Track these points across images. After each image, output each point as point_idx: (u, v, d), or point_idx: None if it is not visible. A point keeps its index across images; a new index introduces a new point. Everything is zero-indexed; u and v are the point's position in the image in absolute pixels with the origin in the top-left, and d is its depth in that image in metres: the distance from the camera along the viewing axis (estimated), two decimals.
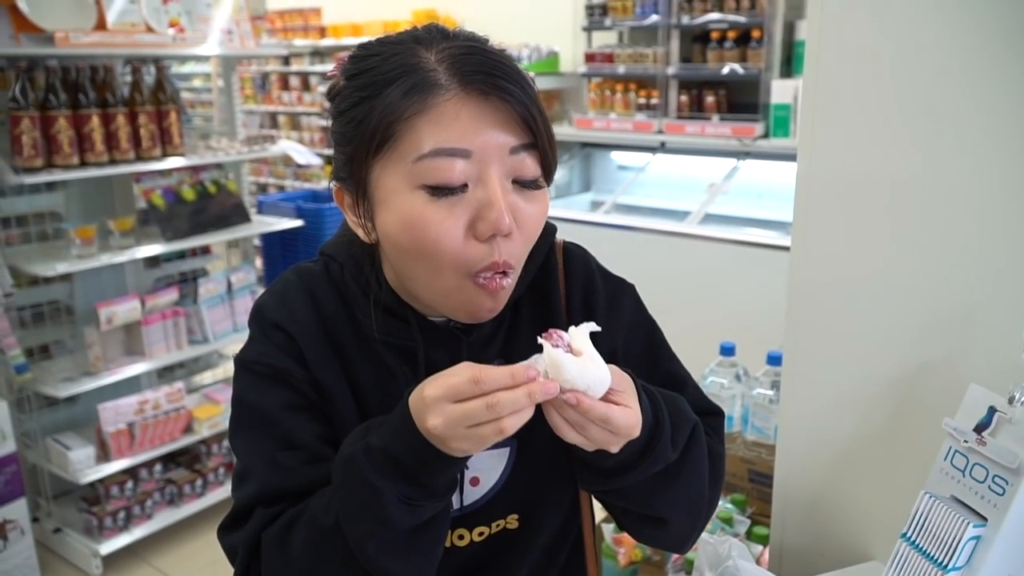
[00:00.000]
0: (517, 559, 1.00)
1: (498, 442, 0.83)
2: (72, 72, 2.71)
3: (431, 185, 0.78)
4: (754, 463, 1.88)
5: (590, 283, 1.00)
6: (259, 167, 7.24)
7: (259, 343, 0.92)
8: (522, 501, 0.97)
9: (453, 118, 0.78)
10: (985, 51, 1.03)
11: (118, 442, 2.94)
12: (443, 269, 0.81)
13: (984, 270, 1.06)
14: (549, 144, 0.82)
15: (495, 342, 0.95)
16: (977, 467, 0.92)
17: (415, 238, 0.80)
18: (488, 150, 0.78)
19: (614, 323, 0.99)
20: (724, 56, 4.46)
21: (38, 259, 2.79)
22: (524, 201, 0.82)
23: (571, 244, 1.03)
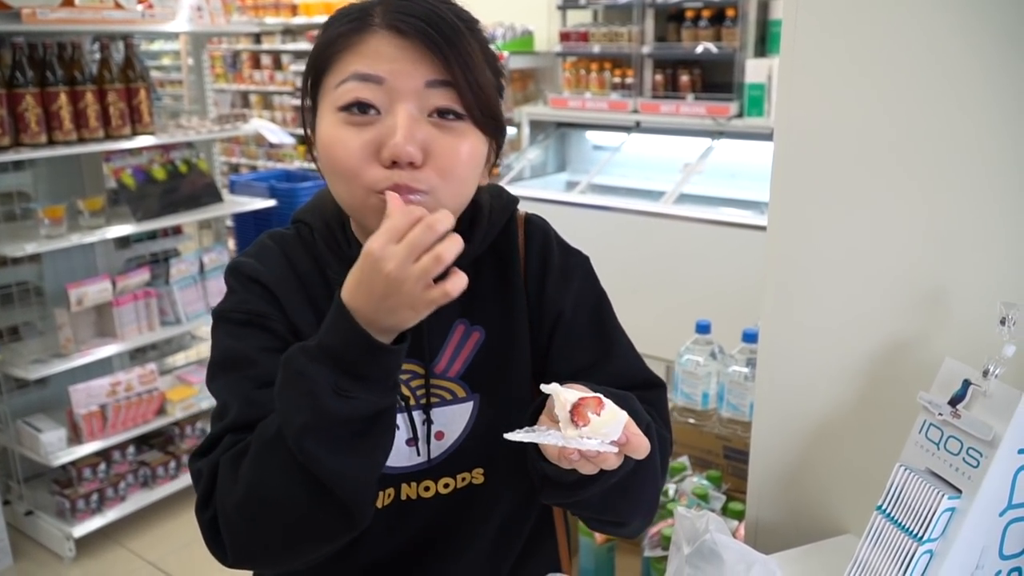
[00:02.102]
0: (485, 515, 1.03)
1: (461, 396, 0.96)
2: (39, 49, 2.66)
3: (343, 105, 0.85)
4: (729, 440, 1.90)
5: (546, 250, 1.04)
6: (230, 147, 7.15)
7: (237, 293, 0.96)
8: (486, 455, 1.00)
9: (374, 50, 0.85)
10: (962, 30, 1.04)
11: (90, 424, 2.91)
12: (352, 187, 0.86)
13: (959, 246, 1.08)
14: (474, 86, 0.86)
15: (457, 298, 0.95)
16: (952, 440, 0.94)
17: (328, 156, 0.87)
18: (401, 80, 0.84)
19: (563, 289, 1.03)
20: (699, 35, 4.46)
21: (6, 239, 2.75)
22: (440, 132, 0.86)
23: (532, 215, 1.07)
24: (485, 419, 0.99)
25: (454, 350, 0.99)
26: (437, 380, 0.98)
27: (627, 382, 0.95)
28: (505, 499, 1.03)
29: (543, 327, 1.02)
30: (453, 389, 0.99)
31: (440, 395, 0.98)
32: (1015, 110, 1.01)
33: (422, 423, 0.97)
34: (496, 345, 1.00)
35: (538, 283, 1.02)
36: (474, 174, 0.91)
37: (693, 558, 0.97)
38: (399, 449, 0.96)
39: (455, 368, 0.99)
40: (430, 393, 0.98)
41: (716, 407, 2.00)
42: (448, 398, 0.98)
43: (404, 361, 0.90)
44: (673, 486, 1.79)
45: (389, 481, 0.98)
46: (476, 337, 1.00)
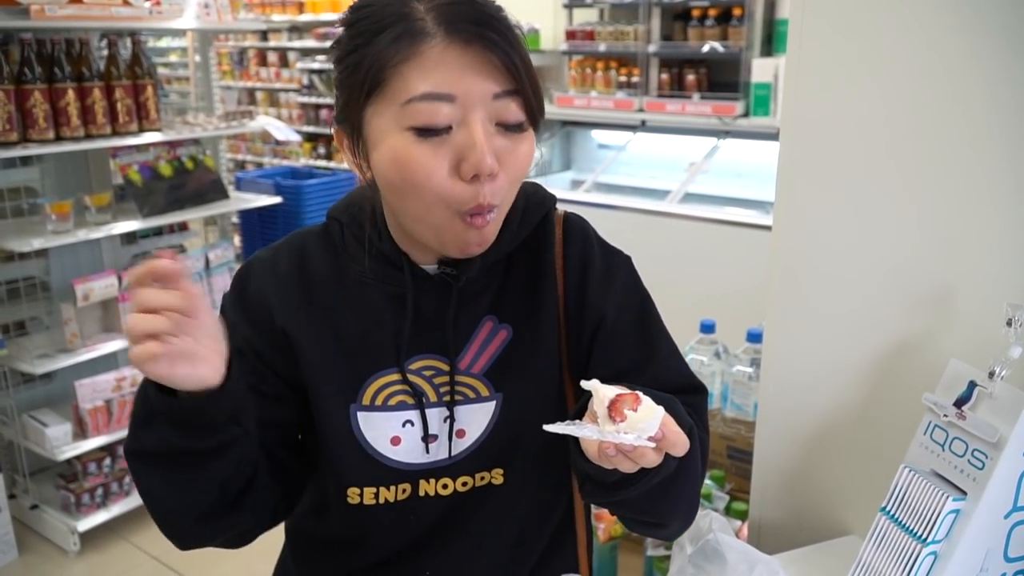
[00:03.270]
0: (502, 515, 1.02)
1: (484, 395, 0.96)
2: (47, 45, 2.66)
3: (417, 127, 0.83)
4: (733, 439, 1.90)
5: (588, 251, 1.02)
6: (237, 144, 7.16)
7: (232, 293, 0.99)
8: (506, 455, 0.99)
9: (438, 64, 0.82)
10: (969, 31, 1.03)
11: (95, 419, 2.92)
12: (431, 206, 0.85)
13: (966, 247, 1.08)
14: (533, 91, 0.86)
15: (486, 295, 0.98)
16: (957, 441, 0.94)
17: (403, 176, 0.84)
18: (471, 95, 0.82)
19: (607, 291, 1.00)
20: (705, 34, 4.46)
21: (13, 235, 2.75)
22: (508, 143, 0.86)
23: (572, 214, 1.05)
24: (507, 419, 0.98)
25: (480, 347, 0.98)
26: (461, 377, 0.97)
27: (669, 386, 0.92)
28: (524, 501, 1.02)
29: (583, 330, 1.00)
30: (476, 387, 0.98)
31: (464, 392, 0.98)
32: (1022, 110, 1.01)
33: (444, 420, 0.97)
34: (523, 345, 0.98)
35: (578, 286, 1.00)
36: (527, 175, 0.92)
37: (696, 557, 0.97)
38: (414, 446, 0.97)
39: (479, 365, 0.98)
40: (454, 391, 0.97)
41: (720, 407, 2.00)
42: (472, 396, 0.98)
43: (428, 357, 0.96)
44: None
45: (406, 476, 0.97)
46: (503, 336, 0.99)
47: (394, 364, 0.96)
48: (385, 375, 0.96)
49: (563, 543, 1.09)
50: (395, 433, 0.96)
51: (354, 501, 0.97)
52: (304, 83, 6.82)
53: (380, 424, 0.96)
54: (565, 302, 1.00)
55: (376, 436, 0.96)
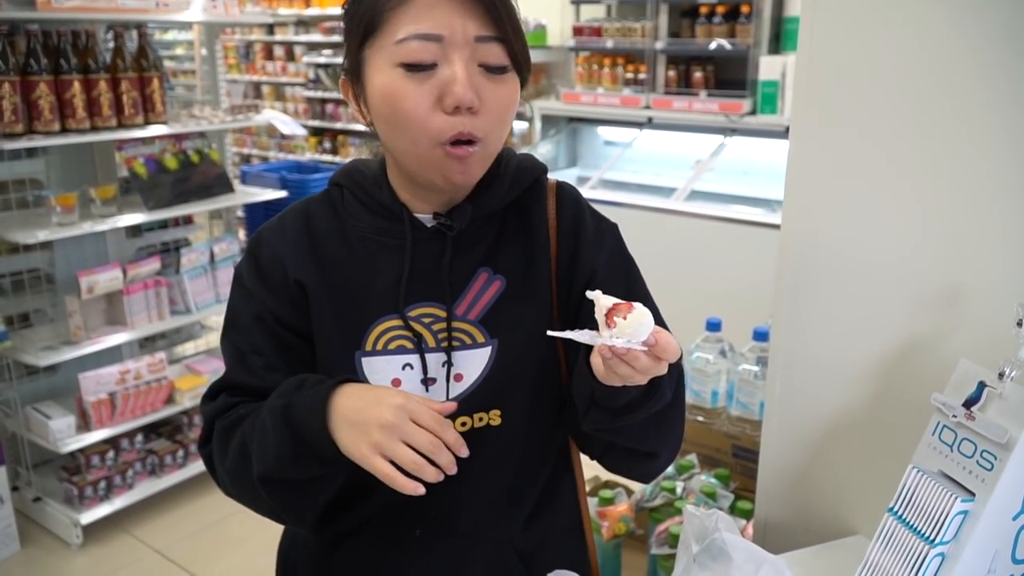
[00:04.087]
0: (501, 456, 1.06)
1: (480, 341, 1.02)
2: (53, 37, 2.66)
3: (406, 63, 0.91)
4: (738, 438, 1.90)
5: (580, 215, 1.10)
6: (242, 138, 7.16)
7: (245, 261, 1.07)
8: (503, 397, 1.04)
9: (428, 7, 0.90)
10: (982, 28, 1.02)
11: (99, 412, 2.92)
12: (417, 138, 0.93)
13: (974, 245, 1.07)
14: (515, 38, 0.94)
15: (481, 248, 1.05)
16: (965, 442, 0.93)
17: (392, 108, 0.93)
18: (456, 36, 0.90)
19: (598, 251, 1.08)
20: (712, 31, 4.44)
21: (18, 227, 2.75)
22: (490, 83, 0.93)
23: (564, 182, 1.14)
24: (503, 364, 1.03)
25: (475, 295, 1.04)
26: (458, 323, 1.02)
27: None
28: (521, 443, 1.07)
29: (574, 285, 1.07)
30: (472, 333, 1.03)
31: (460, 338, 1.02)
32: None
33: (442, 364, 1.02)
34: (516, 296, 1.04)
35: (571, 245, 1.08)
36: (512, 119, 0.99)
37: (702, 557, 0.96)
38: (414, 388, 1.02)
39: (475, 312, 1.03)
40: (451, 336, 1.02)
41: (725, 405, 2.00)
42: (468, 342, 1.03)
43: (426, 304, 1.02)
44: (681, 484, 1.79)
45: None
46: (497, 285, 1.04)
47: (395, 310, 1.01)
48: (386, 320, 1.02)
49: (557, 494, 1.14)
50: (395, 375, 1.01)
51: None
52: (310, 77, 6.82)
53: (381, 367, 1.01)
54: (557, 260, 1.07)
55: (378, 379, 1.01)
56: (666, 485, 1.77)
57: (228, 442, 1.00)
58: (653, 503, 1.77)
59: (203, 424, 1.06)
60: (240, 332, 1.05)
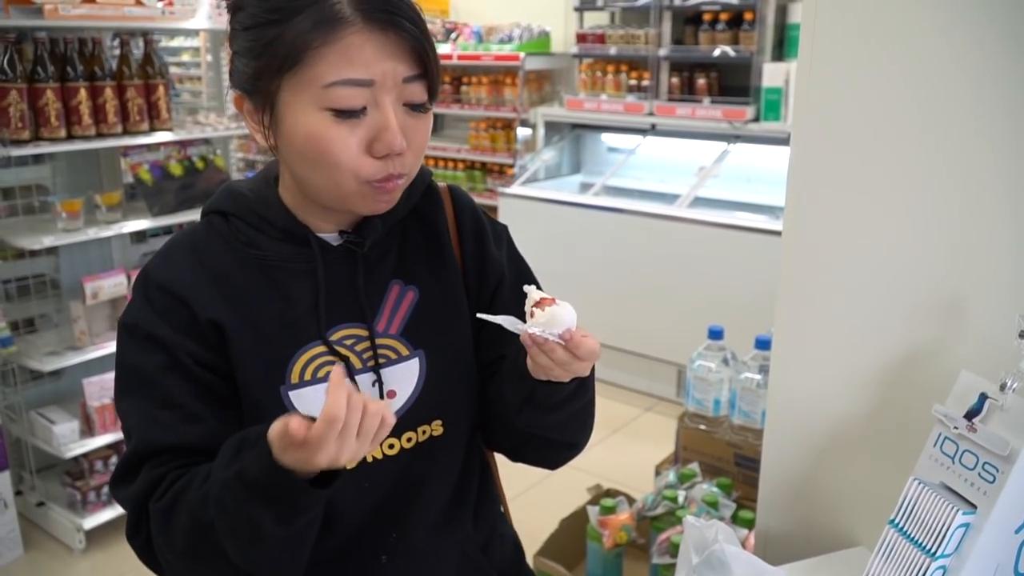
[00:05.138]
0: (447, 464, 1.08)
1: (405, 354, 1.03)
2: (60, 44, 2.67)
3: (336, 109, 0.88)
4: (740, 447, 1.90)
5: (477, 219, 1.13)
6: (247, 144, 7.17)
7: (138, 307, 0.97)
8: (442, 406, 1.06)
9: (358, 50, 0.87)
10: (983, 37, 1.03)
11: (103, 417, 2.92)
12: (342, 179, 0.91)
13: (976, 255, 1.07)
14: (436, 73, 0.93)
15: (388, 261, 1.05)
16: (967, 454, 0.93)
17: (319, 152, 0.90)
18: (386, 79, 0.89)
19: (500, 253, 1.13)
20: (716, 38, 4.45)
21: (24, 232, 2.76)
22: (414, 121, 0.93)
23: (453, 185, 1.16)
24: (434, 373, 1.04)
25: (392, 309, 1.04)
26: (381, 339, 1.02)
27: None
28: (461, 447, 1.10)
29: (486, 285, 1.11)
30: (396, 347, 1.03)
31: (386, 355, 1.02)
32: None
33: (372, 384, 1.01)
34: (431, 302, 1.06)
35: (476, 248, 1.11)
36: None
37: (701, 568, 0.96)
38: None
39: (395, 326, 1.04)
40: (377, 354, 1.02)
41: (728, 414, 2.00)
42: (393, 357, 1.03)
43: (347, 326, 1.01)
44: (683, 493, 1.79)
45: None
46: (411, 296, 1.05)
47: (316, 337, 0.99)
48: (309, 349, 0.99)
49: (486, 481, 1.17)
50: None
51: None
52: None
53: (312, 397, 0.98)
54: (463, 262, 1.10)
55: (311, 410, 0.93)
56: (668, 494, 1.77)
57: (172, 526, 0.90)
58: (655, 512, 1.77)
59: (127, 511, 0.95)
60: (143, 389, 0.95)
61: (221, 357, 0.96)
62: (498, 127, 5.38)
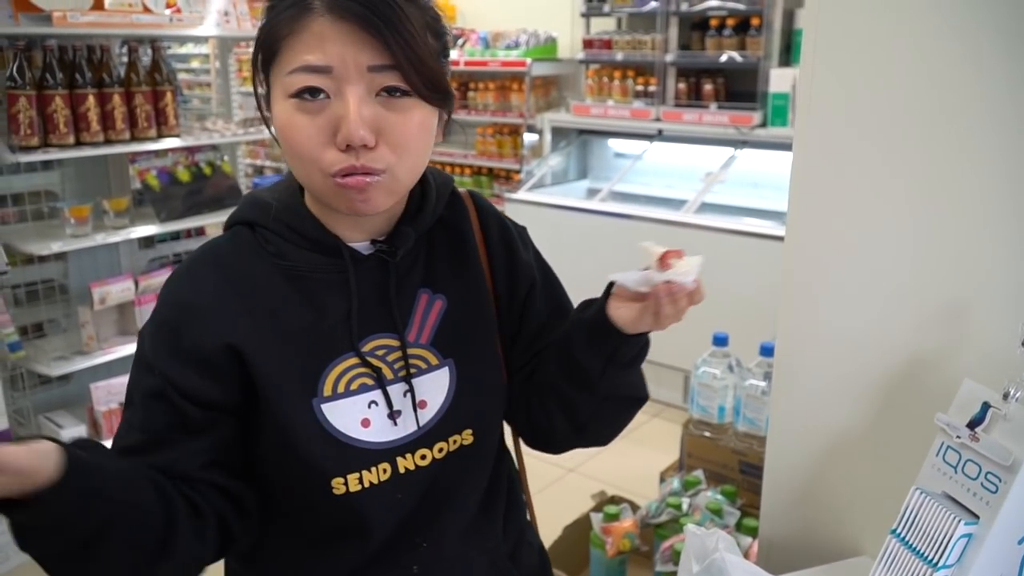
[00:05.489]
0: (478, 473, 1.08)
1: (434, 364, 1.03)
2: (69, 52, 2.70)
3: (296, 96, 0.88)
4: (745, 454, 1.89)
5: (502, 224, 1.13)
6: (255, 149, 7.20)
7: (150, 327, 0.96)
8: (472, 416, 1.05)
9: (318, 37, 0.86)
10: (987, 44, 1.02)
11: (110, 421, 2.94)
12: (309, 170, 0.90)
13: (980, 263, 1.06)
14: (412, 65, 0.88)
15: (416, 270, 1.04)
16: (970, 463, 0.92)
17: (286, 141, 0.90)
18: (346, 67, 0.86)
19: (528, 257, 1.13)
20: (723, 44, 4.45)
21: (33, 238, 2.78)
22: (389, 111, 0.89)
23: (473, 191, 1.15)
24: (464, 382, 1.04)
25: (421, 318, 1.03)
26: (411, 349, 1.02)
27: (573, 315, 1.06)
28: (490, 456, 1.10)
29: (517, 291, 1.10)
30: (426, 356, 1.03)
31: (416, 364, 1.02)
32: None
33: (404, 394, 1.00)
34: (459, 311, 1.05)
35: (504, 255, 1.10)
36: (426, 146, 0.95)
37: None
38: (382, 424, 0.99)
39: (424, 336, 1.03)
40: (408, 364, 1.01)
41: (732, 421, 1.99)
42: (424, 367, 1.02)
43: (378, 336, 1.00)
44: (687, 500, 1.78)
45: (382, 456, 0.99)
46: (439, 305, 1.05)
47: (350, 349, 0.98)
48: (342, 361, 0.98)
49: (513, 488, 1.17)
50: (363, 415, 0.98)
51: (340, 492, 0.96)
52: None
53: (347, 410, 0.97)
54: (492, 269, 1.09)
55: (346, 423, 0.97)
56: (672, 501, 1.76)
57: None
58: (659, 519, 1.77)
59: None
60: (130, 406, 0.96)
61: (219, 386, 0.94)
62: (505, 133, 5.39)
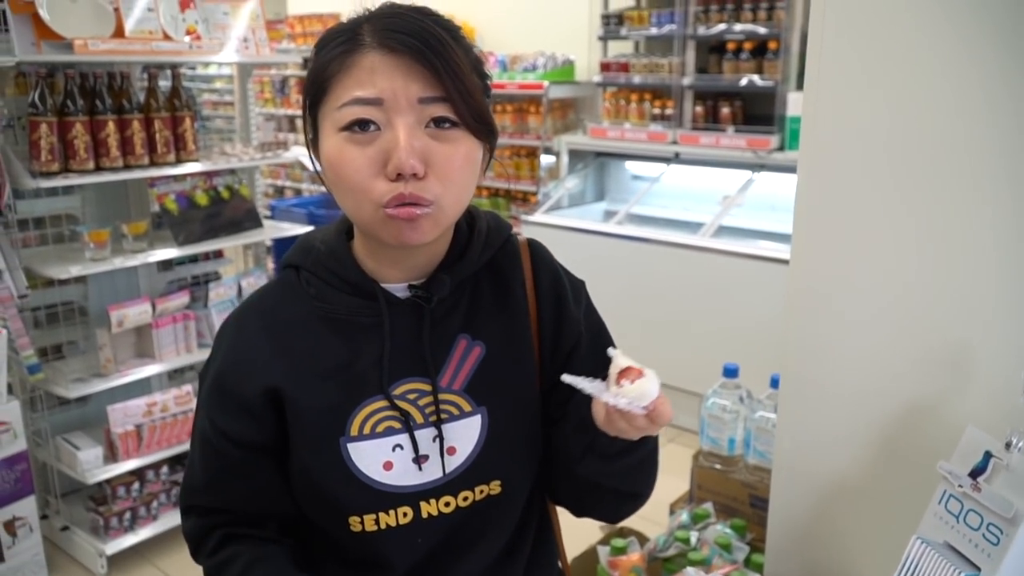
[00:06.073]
0: (502, 523, 1.07)
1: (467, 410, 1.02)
2: (90, 78, 2.74)
3: (347, 129, 0.90)
4: (755, 488, 1.88)
5: (558, 277, 1.11)
6: (276, 170, 7.27)
7: (205, 367, 1.05)
8: (502, 466, 1.04)
9: (369, 72, 0.89)
10: (996, 70, 1.02)
11: (126, 443, 2.96)
12: (359, 202, 0.91)
13: (985, 304, 1.06)
14: (462, 98, 0.90)
15: (456, 315, 1.04)
16: (971, 513, 0.91)
17: (336, 174, 0.92)
18: (397, 99, 0.88)
19: (579, 313, 1.10)
20: (740, 67, 4.44)
21: (53, 261, 2.82)
22: (437, 143, 0.91)
23: (533, 240, 1.13)
24: (496, 432, 1.03)
25: (457, 364, 1.03)
26: (443, 395, 1.02)
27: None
28: (518, 506, 1.08)
29: (561, 346, 1.08)
30: (458, 403, 1.02)
31: (448, 410, 1.02)
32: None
33: (433, 439, 1.01)
34: (497, 360, 1.04)
35: (553, 307, 1.08)
36: (471, 179, 0.96)
37: None
38: (407, 468, 1.00)
39: (458, 382, 1.02)
40: (439, 409, 1.01)
41: (742, 453, 1.97)
42: (456, 413, 1.02)
43: (410, 380, 1.01)
44: (696, 534, 1.77)
45: (406, 500, 1.01)
46: (477, 352, 1.04)
47: (379, 391, 1.00)
48: (371, 403, 1.00)
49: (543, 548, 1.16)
50: (386, 458, 1.00)
51: (356, 529, 1.01)
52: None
53: (370, 452, 0.99)
54: (539, 321, 1.08)
55: (368, 464, 0.99)
56: (680, 535, 1.75)
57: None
58: (666, 553, 1.75)
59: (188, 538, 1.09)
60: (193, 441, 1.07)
61: (264, 428, 1.01)
62: (522, 155, 5.41)
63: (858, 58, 1.12)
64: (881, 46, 1.10)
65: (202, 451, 1.03)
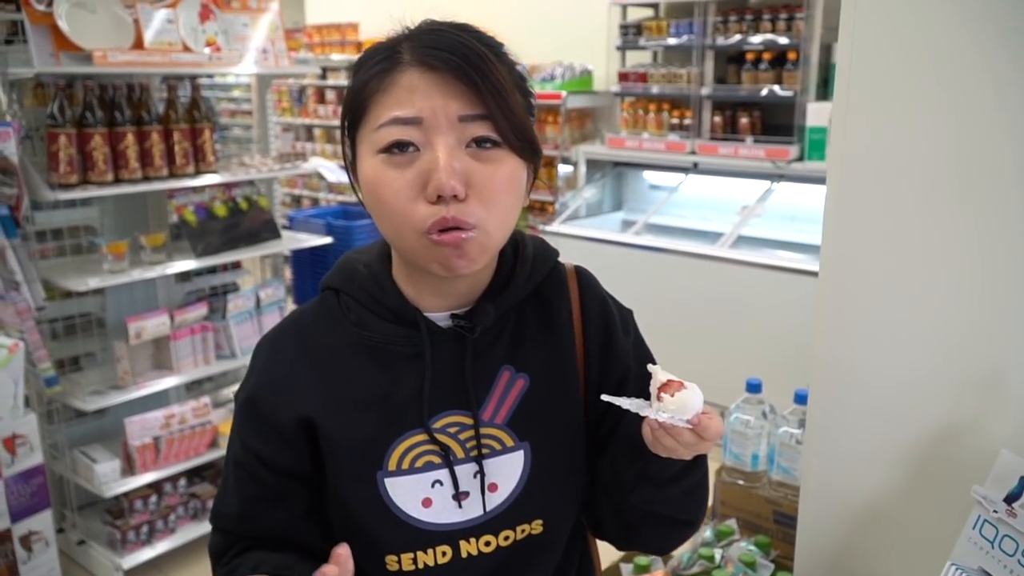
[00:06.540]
0: (546, 561, 1.03)
1: (510, 446, 0.97)
2: (109, 90, 2.75)
3: (385, 151, 0.86)
4: (780, 504, 1.84)
5: (606, 306, 1.06)
6: (294, 179, 7.30)
7: (240, 391, 1.00)
8: (545, 506, 1.00)
9: (408, 91, 0.85)
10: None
11: (143, 456, 2.96)
12: (400, 228, 0.87)
13: (1019, 330, 1.02)
14: (503, 115, 0.86)
15: (500, 345, 0.99)
16: (1007, 539, 0.88)
17: (375, 198, 0.88)
18: (436, 118, 0.85)
19: (627, 344, 1.05)
20: (759, 77, 4.42)
21: (71, 273, 2.82)
22: (478, 163, 0.86)
23: (580, 268, 1.09)
24: (539, 468, 0.98)
25: (500, 397, 0.98)
26: (485, 429, 0.97)
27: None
28: (560, 545, 1.04)
29: (609, 378, 1.03)
30: (501, 438, 0.97)
31: (490, 445, 0.97)
32: None
33: (474, 475, 0.96)
34: (542, 392, 0.99)
35: (601, 338, 1.03)
36: (516, 200, 0.91)
37: None
38: (446, 505, 0.96)
39: (501, 415, 0.98)
40: (480, 444, 0.96)
41: (766, 469, 1.94)
42: (498, 448, 0.97)
43: (451, 413, 0.96)
44: (719, 551, 1.73)
45: (444, 538, 0.96)
46: (521, 384, 0.99)
47: (419, 425, 0.95)
48: (410, 437, 0.95)
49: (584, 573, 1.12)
50: (425, 495, 0.95)
51: (393, 568, 0.96)
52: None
53: (409, 488, 0.95)
54: (586, 352, 1.03)
55: (406, 500, 0.95)
56: (704, 552, 1.72)
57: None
58: (690, 571, 1.72)
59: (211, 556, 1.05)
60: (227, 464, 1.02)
61: (298, 455, 0.97)
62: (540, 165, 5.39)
63: (889, 70, 1.09)
64: (912, 52, 1.07)
65: (236, 475, 0.99)
